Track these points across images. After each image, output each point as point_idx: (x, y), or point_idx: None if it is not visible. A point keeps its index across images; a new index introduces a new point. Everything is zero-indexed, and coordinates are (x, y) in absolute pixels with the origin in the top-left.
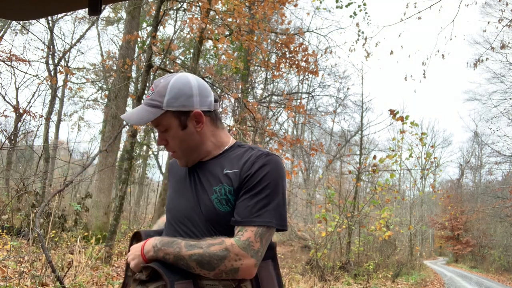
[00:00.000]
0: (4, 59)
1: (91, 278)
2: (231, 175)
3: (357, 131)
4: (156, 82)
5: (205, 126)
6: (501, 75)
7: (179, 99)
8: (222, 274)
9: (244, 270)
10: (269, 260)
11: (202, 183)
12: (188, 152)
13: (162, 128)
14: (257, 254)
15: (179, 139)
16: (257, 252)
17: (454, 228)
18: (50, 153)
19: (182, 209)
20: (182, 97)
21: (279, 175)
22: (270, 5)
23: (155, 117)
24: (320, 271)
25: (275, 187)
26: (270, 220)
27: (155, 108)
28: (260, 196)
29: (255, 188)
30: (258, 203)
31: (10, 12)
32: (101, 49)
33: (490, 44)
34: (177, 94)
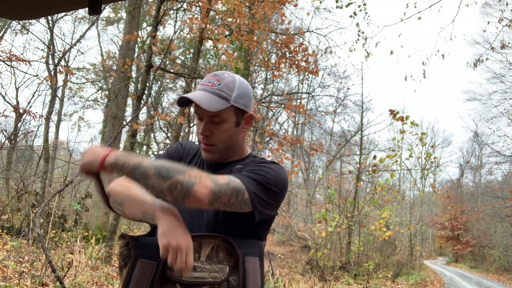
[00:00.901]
0: (4, 59)
1: (91, 278)
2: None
3: (357, 131)
4: (219, 74)
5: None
6: (501, 75)
7: (244, 98)
8: (177, 186)
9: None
10: (257, 257)
11: None
12: (227, 149)
13: (218, 119)
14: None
15: (229, 134)
16: (221, 185)
17: (454, 228)
18: (50, 153)
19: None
20: (246, 98)
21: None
22: (270, 5)
23: (222, 108)
24: (320, 271)
25: (276, 180)
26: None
27: (223, 100)
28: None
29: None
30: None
31: (10, 12)
32: (101, 49)
33: (490, 44)
34: (243, 93)
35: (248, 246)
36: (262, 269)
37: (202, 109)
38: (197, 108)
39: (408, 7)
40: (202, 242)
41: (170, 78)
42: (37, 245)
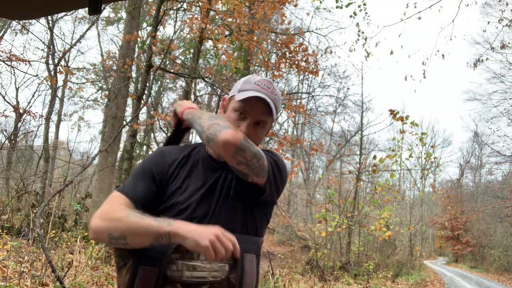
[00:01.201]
0: (4, 59)
1: (91, 278)
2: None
3: (357, 131)
4: (271, 81)
5: None
6: (501, 75)
7: (278, 109)
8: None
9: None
10: (254, 255)
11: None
12: None
13: (264, 124)
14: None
15: (261, 138)
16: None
17: (454, 228)
18: (50, 153)
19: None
20: (279, 108)
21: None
22: (270, 5)
23: (275, 117)
24: (320, 271)
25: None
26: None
27: (276, 110)
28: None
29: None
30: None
31: (10, 12)
32: (101, 49)
33: (490, 44)
34: (279, 104)
35: (247, 243)
36: (258, 266)
37: (257, 110)
38: (250, 106)
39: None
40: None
41: (170, 78)
42: (37, 245)
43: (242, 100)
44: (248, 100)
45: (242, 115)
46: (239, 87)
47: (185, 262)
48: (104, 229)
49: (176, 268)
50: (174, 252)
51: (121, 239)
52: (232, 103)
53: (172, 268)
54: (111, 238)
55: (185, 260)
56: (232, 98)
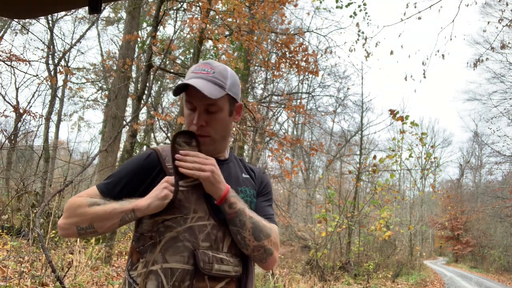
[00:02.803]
0: (4, 59)
1: (91, 278)
2: (250, 180)
3: (357, 131)
4: (210, 62)
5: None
6: (501, 75)
7: (235, 87)
8: (260, 250)
9: (273, 258)
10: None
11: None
12: (220, 140)
13: (214, 108)
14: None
15: (223, 123)
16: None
17: (454, 228)
18: (50, 153)
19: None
20: (237, 87)
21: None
22: (270, 5)
23: (220, 96)
24: (320, 271)
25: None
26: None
27: (220, 88)
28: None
29: (269, 195)
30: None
31: (10, 11)
32: (101, 49)
33: (490, 44)
34: (234, 82)
35: None
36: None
37: (198, 98)
38: (191, 96)
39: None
40: (226, 233)
41: (170, 78)
42: (37, 245)
43: (177, 93)
44: (184, 91)
45: (191, 107)
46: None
47: (214, 254)
48: (71, 223)
49: (207, 260)
50: (204, 240)
51: (89, 228)
52: (183, 98)
53: (204, 259)
54: (79, 230)
55: (214, 252)
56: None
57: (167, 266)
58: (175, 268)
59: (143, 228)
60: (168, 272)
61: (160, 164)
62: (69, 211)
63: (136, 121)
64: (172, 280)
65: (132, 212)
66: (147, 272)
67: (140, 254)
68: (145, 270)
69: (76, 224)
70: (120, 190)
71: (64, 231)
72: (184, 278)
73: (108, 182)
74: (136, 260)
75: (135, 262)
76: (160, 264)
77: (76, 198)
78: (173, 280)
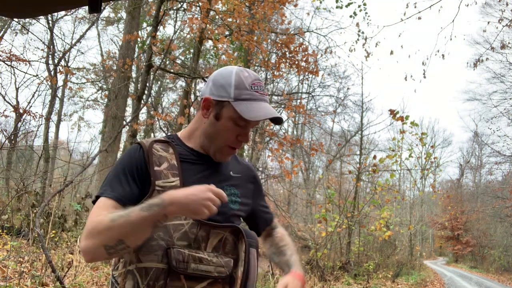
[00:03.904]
0: (4, 59)
1: (91, 278)
2: (237, 179)
3: (357, 131)
4: (261, 79)
5: None
6: (501, 75)
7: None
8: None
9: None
10: (255, 250)
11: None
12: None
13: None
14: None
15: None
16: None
17: (454, 228)
18: (50, 153)
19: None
20: None
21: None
22: (270, 5)
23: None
24: (320, 271)
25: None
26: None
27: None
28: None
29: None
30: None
31: (10, 11)
32: (101, 49)
33: (490, 44)
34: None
35: (249, 237)
36: (258, 260)
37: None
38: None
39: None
40: (210, 232)
41: (170, 78)
42: (37, 245)
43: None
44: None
45: (243, 124)
46: (233, 91)
47: (192, 253)
48: (97, 245)
49: (182, 259)
50: (181, 239)
51: (120, 245)
52: (228, 111)
53: (178, 258)
54: (108, 249)
55: (192, 251)
56: (226, 105)
57: (141, 265)
58: (149, 267)
59: None
60: (142, 272)
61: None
62: (91, 232)
63: (136, 121)
64: (147, 279)
65: (165, 217)
66: (126, 272)
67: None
68: (124, 270)
69: (103, 244)
70: (131, 191)
71: (91, 255)
72: (158, 277)
73: (115, 187)
74: (117, 260)
75: (116, 262)
76: (135, 264)
77: (95, 217)
78: (147, 280)
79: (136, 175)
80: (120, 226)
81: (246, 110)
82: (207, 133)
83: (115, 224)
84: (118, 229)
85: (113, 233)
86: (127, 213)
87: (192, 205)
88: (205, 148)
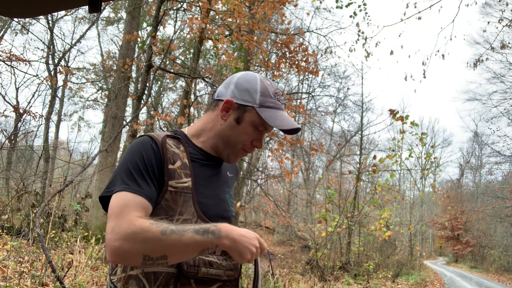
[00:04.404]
0: (4, 59)
1: (91, 278)
2: (231, 179)
3: (357, 131)
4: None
5: None
6: (501, 75)
7: None
8: None
9: None
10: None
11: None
12: None
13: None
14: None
15: None
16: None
17: (454, 228)
18: (50, 153)
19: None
20: None
21: None
22: (270, 5)
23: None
24: (320, 271)
25: None
26: None
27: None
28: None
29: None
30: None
31: (10, 10)
32: (101, 49)
33: (490, 44)
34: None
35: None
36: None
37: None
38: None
39: (408, 7)
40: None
41: (170, 78)
42: (37, 245)
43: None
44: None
45: (261, 128)
46: (259, 98)
47: (202, 256)
48: (136, 252)
49: (193, 263)
50: None
51: (161, 259)
52: (251, 116)
53: (188, 262)
54: (147, 260)
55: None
56: (249, 110)
57: (149, 270)
58: (158, 271)
59: None
60: (151, 277)
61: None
62: (131, 237)
63: (136, 121)
64: (156, 284)
65: (215, 248)
66: (126, 277)
67: None
68: (124, 274)
69: (144, 253)
70: (154, 191)
71: (122, 258)
72: (168, 282)
73: (140, 183)
74: (115, 265)
75: (114, 266)
76: (141, 269)
77: (141, 221)
78: (156, 285)
79: (156, 171)
80: (171, 244)
81: (272, 118)
82: (223, 135)
83: (167, 239)
84: (167, 245)
85: (160, 248)
86: (180, 231)
87: (241, 245)
88: (218, 149)
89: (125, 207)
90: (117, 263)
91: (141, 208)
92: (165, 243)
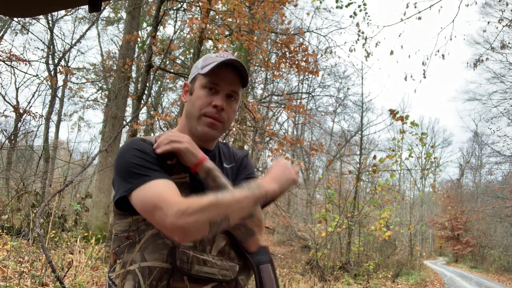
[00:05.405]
0: (4, 59)
1: (91, 278)
2: (229, 170)
3: (357, 131)
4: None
5: None
6: (501, 75)
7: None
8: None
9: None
10: (269, 264)
11: None
12: (224, 130)
13: (236, 96)
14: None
15: (234, 115)
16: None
17: (454, 228)
18: (50, 153)
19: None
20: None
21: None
22: (270, 5)
23: (246, 86)
24: (320, 271)
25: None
26: None
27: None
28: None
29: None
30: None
31: (10, 10)
32: (101, 49)
33: (490, 44)
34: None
35: (258, 254)
36: (275, 273)
37: (227, 81)
38: (219, 77)
39: (408, 7)
40: (216, 235)
41: (170, 78)
42: (37, 245)
43: (210, 72)
44: (216, 70)
45: (212, 90)
46: (201, 65)
47: (196, 254)
48: (202, 222)
49: (186, 260)
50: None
51: (225, 222)
52: (198, 81)
53: (182, 258)
54: (213, 225)
55: (197, 252)
56: (197, 78)
57: (145, 264)
58: (153, 266)
59: (117, 229)
60: (145, 271)
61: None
62: (188, 211)
63: (136, 121)
64: (150, 279)
65: (265, 197)
66: (125, 273)
67: (116, 256)
68: (123, 270)
69: (209, 219)
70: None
71: (191, 231)
72: (161, 277)
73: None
74: (113, 262)
75: (112, 263)
76: (138, 264)
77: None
78: (150, 279)
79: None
80: (227, 204)
81: (206, 69)
82: (187, 113)
83: (223, 200)
84: (225, 205)
85: (220, 210)
86: (230, 193)
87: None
88: (192, 131)
89: (162, 192)
90: (188, 240)
91: (173, 187)
92: (223, 204)
